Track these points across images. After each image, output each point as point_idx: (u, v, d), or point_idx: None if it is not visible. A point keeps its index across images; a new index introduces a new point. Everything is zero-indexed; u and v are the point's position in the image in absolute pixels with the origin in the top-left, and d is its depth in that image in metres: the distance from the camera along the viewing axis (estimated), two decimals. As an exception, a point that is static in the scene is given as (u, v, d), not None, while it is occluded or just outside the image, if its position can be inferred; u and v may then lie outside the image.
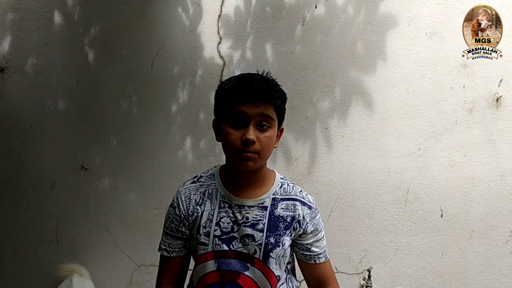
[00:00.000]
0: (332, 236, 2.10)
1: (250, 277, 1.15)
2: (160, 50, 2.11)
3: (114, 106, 2.16)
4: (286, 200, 1.19)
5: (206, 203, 1.18)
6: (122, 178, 2.19)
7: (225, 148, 1.13)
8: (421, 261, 2.08)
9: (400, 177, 2.05)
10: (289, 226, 1.17)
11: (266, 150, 1.10)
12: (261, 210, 1.16)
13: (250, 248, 1.14)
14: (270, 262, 1.15)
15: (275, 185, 1.20)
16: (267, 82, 1.12)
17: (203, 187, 1.20)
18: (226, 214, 1.16)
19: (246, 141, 1.06)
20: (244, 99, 1.07)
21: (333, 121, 2.05)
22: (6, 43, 2.20)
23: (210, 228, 1.16)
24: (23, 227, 2.27)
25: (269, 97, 1.08)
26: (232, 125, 1.09)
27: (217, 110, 1.16)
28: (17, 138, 2.24)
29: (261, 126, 1.09)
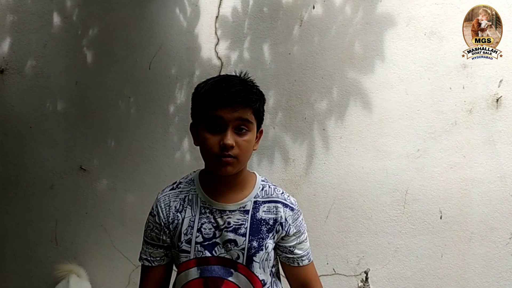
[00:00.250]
0: (329, 237, 2.12)
1: (234, 283, 1.14)
2: (158, 51, 2.14)
3: (112, 107, 2.19)
4: (268, 202, 1.18)
5: (186, 209, 1.17)
6: (120, 179, 2.22)
7: (203, 153, 1.12)
8: (420, 263, 2.08)
9: (399, 179, 2.06)
10: (272, 229, 1.16)
11: (245, 154, 1.09)
12: (243, 214, 1.15)
13: (233, 253, 1.13)
14: (254, 267, 1.14)
15: (256, 188, 1.19)
16: (245, 85, 1.10)
17: (182, 193, 1.19)
18: (208, 220, 1.15)
19: (224, 146, 1.05)
20: (221, 104, 1.05)
21: (331, 122, 2.07)
22: (5, 45, 2.24)
23: (191, 235, 1.14)
24: (22, 227, 2.32)
25: (247, 101, 1.07)
26: (209, 129, 1.08)
27: (194, 113, 1.15)
28: (17, 139, 2.28)
29: (239, 130, 1.08)
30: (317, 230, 2.12)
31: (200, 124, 1.11)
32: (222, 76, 1.14)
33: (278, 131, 2.09)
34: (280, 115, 2.09)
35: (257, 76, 2.08)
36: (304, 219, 2.09)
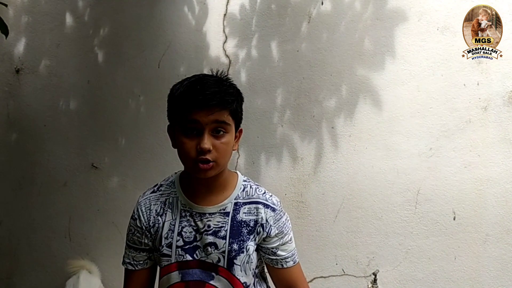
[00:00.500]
0: (339, 237, 2.11)
1: (215, 286, 1.15)
2: (167, 50, 2.18)
3: (123, 106, 2.24)
4: (248, 203, 1.17)
5: (167, 213, 1.17)
6: (131, 176, 2.27)
7: (180, 157, 1.11)
8: (432, 266, 2.05)
9: (410, 178, 2.03)
10: (253, 231, 1.15)
11: (223, 156, 1.09)
12: (223, 216, 1.15)
13: (214, 256, 1.14)
14: (235, 270, 1.14)
15: (237, 189, 1.18)
16: (220, 86, 1.08)
17: (163, 196, 1.19)
18: (188, 223, 1.15)
19: (201, 150, 1.04)
20: (196, 107, 1.03)
21: (340, 120, 2.06)
22: (21, 45, 2.33)
23: (172, 238, 1.15)
24: (38, 223, 2.40)
25: (223, 103, 1.05)
26: (185, 133, 1.07)
27: (170, 116, 1.14)
28: (31, 137, 2.36)
29: (216, 132, 1.07)
30: (325, 230, 2.12)
31: (177, 127, 1.10)
32: (197, 77, 1.12)
33: (286, 129, 2.10)
34: (288, 113, 2.09)
35: (265, 74, 2.10)
36: (313, 218, 2.12)
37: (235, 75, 2.12)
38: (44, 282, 2.41)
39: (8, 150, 2.39)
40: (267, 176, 2.14)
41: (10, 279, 2.46)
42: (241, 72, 2.11)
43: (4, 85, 2.36)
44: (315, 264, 2.15)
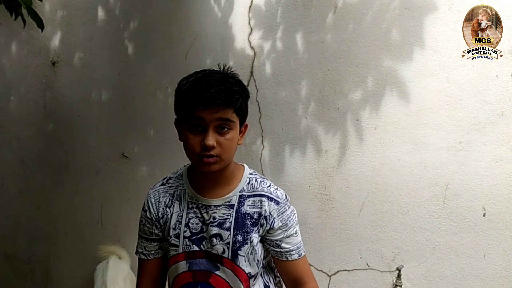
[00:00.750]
0: (363, 231, 2.11)
1: (221, 277, 1.20)
2: (194, 42, 2.25)
3: (151, 97, 2.33)
4: (253, 196, 1.20)
5: (175, 204, 1.22)
6: (159, 166, 2.37)
7: (186, 151, 1.15)
8: (460, 263, 2.02)
9: (438, 172, 2.00)
10: (256, 223, 1.19)
11: (227, 152, 1.12)
12: (228, 208, 1.19)
13: (219, 247, 1.18)
14: (239, 260, 1.18)
15: (242, 182, 1.22)
16: (225, 84, 1.11)
17: (172, 189, 1.25)
18: (195, 215, 1.20)
19: (206, 146, 1.08)
20: (201, 105, 1.07)
21: (365, 112, 2.05)
22: (56, 39, 2.47)
23: (179, 229, 1.21)
24: (72, 210, 2.56)
25: (227, 101, 1.08)
26: (190, 129, 1.11)
27: (177, 110, 1.18)
28: (66, 127, 2.51)
29: (221, 128, 1.11)
30: (350, 223, 2.13)
31: (182, 122, 1.14)
32: (203, 74, 1.14)
33: (311, 121, 2.12)
34: (313, 105, 2.11)
35: (290, 66, 2.12)
36: (337, 211, 2.14)
37: (260, 67, 2.15)
38: (78, 265, 2.58)
39: (45, 139, 2.56)
40: (291, 168, 2.17)
41: (48, 262, 2.65)
42: (266, 64, 2.14)
43: (41, 77, 2.52)
44: (339, 257, 2.17)
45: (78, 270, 2.57)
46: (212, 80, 1.10)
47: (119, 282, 2.08)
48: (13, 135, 2.61)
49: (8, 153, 2.64)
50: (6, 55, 2.57)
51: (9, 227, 2.71)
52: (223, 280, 1.20)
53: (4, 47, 2.55)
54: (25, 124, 2.58)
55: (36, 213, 2.63)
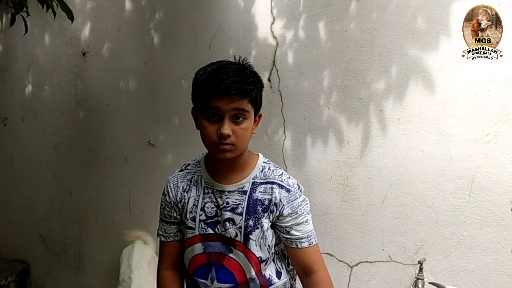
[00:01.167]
0: (385, 223, 2.14)
1: (234, 259, 1.28)
2: (217, 32, 2.31)
3: (176, 86, 2.43)
4: (264, 183, 1.27)
5: (192, 189, 1.31)
6: (184, 154, 2.48)
7: (203, 139, 1.22)
8: (486, 257, 2.02)
9: (464, 165, 1.99)
10: (267, 209, 1.26)
11: (242, 140, 1.19)
12: (241, 194, 1.27)
13: (231, 231, 1.26)
14: (250, 244, 1.25)
15: (255, 170, 1.29)
16: (240, 75, 1.16)
17: (189, 175, 1.34)
18: (210, 200, 1.28)
19: (222, 135, 1.14)
20: (217, 95, 1.13)
21: (389, 102, 2.06)
22: (87, 30, 2.60)
23: (196, 213, 1.29)
24: (102, 195, 2.72)
25: (242, 92, 1.14)
26: (207, 118, 1.18)
27: (194, 99, 1.25)
28: (96, 116, 2.66)
29: (236, 118, 1.17)
30: (372, 215, 2.16)
31: (199, 111, 1.21)
32: (219, 65, 1.20)
33: (333, 111, 2.15)
34: (335, 95, 2.14)
35: (312, 55, 2.16)
36: (359, 202, 2.18)
37: (282, 57, 2.20)
38: (108, 249, 2.74)
39: (76, 126, 2.72)
40: (312, 158, 2.22)
41: (79, 244, 2.84)
42: (288, 53, 2.18)
43: (72, 67, 2.67)
44: (361, 249, 2.20)
45: (108, 253, 2.74)
46: (228, 71, 1.16)
47: (143, 266, 2.22)
48: (47, 122, 2.79)
49: (43, 140, 2.82)
50: (40, 45, 2.74)
51: (44, 210, 2.91)
52: (236, 262, 1.28)
53: (38, 38, 2.72)
54: (58, 113, 2.75)
55: (69, 197, 2.82)
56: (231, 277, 1.29)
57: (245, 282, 1.29)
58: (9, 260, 3.04)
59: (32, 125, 2.84)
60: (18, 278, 2.95)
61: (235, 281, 1.29)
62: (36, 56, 2.75)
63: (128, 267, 2.17)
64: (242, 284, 1.29)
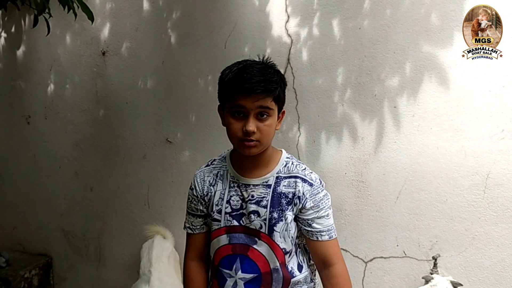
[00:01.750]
0: (400, 219, 2.17)
1: (258, 250, 1.35)
2: (232, 31, 2.38)
3: (193, 84, 2.50)
4: (288, 178, 1.35)
5: (218, 183, 1.39)
6: (200, 151, 2.55)
7: (228, 135, 1.30)
8: (501, 253, 2.03)
9: (479, 161, 2.01)
10: (291, 202, 1.33)
11: (266, 137, 1.26)
12: (265, 188, 1.34)
13: (256, 223, 1.33)
14: (275, 236, 1.32)
15: (279, 165, 1.36)
16: (264, 74, 1.23)
17: (215, 169, 1.42)
18: (236, 193, 1.36)
19: (247, 132, 1.22)
20: (243, 93, 1.21)
21: (403, 99, 2.09)
22: (106, 30, 2.70)
23: (221, 205, 1.37)
24: (121, 191, 2.82)
25: (267, 91, 1.22)
26: (233, 116, 1.25)
27: (220, 97, 1.33)
28: (116, 114, 2.75)
29: (261, 115, 1.24)
30: (386, 211, 2.19)
31: (226, 109, 1.29)
32: (244, 64, 1.28)
33: (347, 108, 2.20)
34: (349, 92, 2.18)
35: (326, 53, 2.20)
36: (373, 198, 2.23)
37: (297, 54, 2.25)
38: (127, 243, 2.84)
39: (97, 124, 2.82)
40: (327, 154, 2.27)
41: (100, 239, 2.94)
42: (302, 51, 2.23)
43: (93, 66, 2.78)
44: (375, 244, 2.25)
45: (128, 247, 2.83)
46: (253, 71, 1.24)
47: (163, 259, 2.31)
48: (69, 120, 2.91)
49: (64, 138, 2.94)
50: (61, 45, 2.85)
51: (65, 206, 3.03)
52: (260, 254, 1.35)
53: (59, 38, 2.83)
54: (79, 111, 2.86)
55: (90, 193, 2.93)
56: (255, 267, 1.36)
57: (269, 272, 1.36)
58: (32, 254, 3.17)
59: (54, 123, 2.95)
60: (41, 271, 3.07)
61: (259, 272, 1.36)
62: (58, 56, 2.86)
63: (148, 261, 2.26)
64: (266, 274, 1.36)
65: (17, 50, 3.00)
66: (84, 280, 3.04)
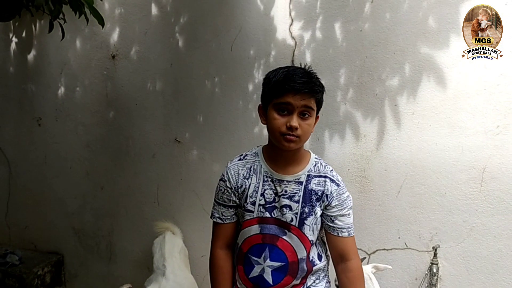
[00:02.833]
0: (401, 212, 2.28)
1: (287, 241, 1.46)
2: (238, 34, 2.48)
3: (200, 86, 2.61)
4: (318, 177, 1.47)
5: (252, 177, 1.48)
6: (208, 150, 2.66)
7: (270, 130, 1.40)
8: (497, 244, 2.14)
9: (476, 156, 2.12)
10: (320, 199, 1.45)
11: (305, 134, 1.39)
12: (297, 184, 1.46)
13: (288, 216, 1.45)
14: (304, 229, 1.45)
15: (310, 164, 1.48)
16: (310, 77, 1.37)
17: (249, 164, 1.51)
18: (269, 187, 1.46)
19: (291, 127, 1.34)
20: (292, 92, 1.33)
21: (403, 98, 2.20)
22: (115, 34, 2.80)
23: (256, 198, 1.47)
24: (132, 190, 2.92)
25: (312, 92, 1.35)
26: (278, 112, 1.37)
27: (265, 97, 1.43)
28: (126, 115, 2.85)
29: (303, 114, 1.36)
30: (388, 205, 2.30)
31: (270, 106, 1.39)
32: (291, 67, 1.41)
33: (349, 107, 2.31)
34: (352, 91, 2.29)
35: (329, 54, 2.31)
36: (376, 193, 2.34)
37: (301, 56, 2.36)
38: (137, 240, 2.94)
39: (107, 125, 2.93)
40: (330, 152, 2.38)
41: (111, 236, 3.04)
42: (306, 53, 2.34)
43: (103, 69, 2.88)
44: (378, 237, 2.36)
45: (138, 244, 2.94)
46: (299, 73, 1.37)
47: (175, 254, 2.41)
48: (79, 122, 3.01)
49: (75, 139, 3.04)
50: (71, 50, 2.95)
51: (76, 205, 3.13)
52: (288, 244, 1.47)
53: (70, 42, 2.93)
54: (89, 112, 2.96)
55: (100, 192, 3.03)
56: (283, 256, 1.47)
57: (296, 262, 1.47)
58: (44, 252, 3.27)
59: (65, 125, 3.05)
60: (53, 268, 3.17)
61: (287, 261, 1.47)
62: (68, 60, 2.97)
63: (162, 256, 2.35)
64: (293, 263, 1.47)
65: (28, 55, 3.10)
66: (95, 277, 3.14)
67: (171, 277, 2.19)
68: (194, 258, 2.70)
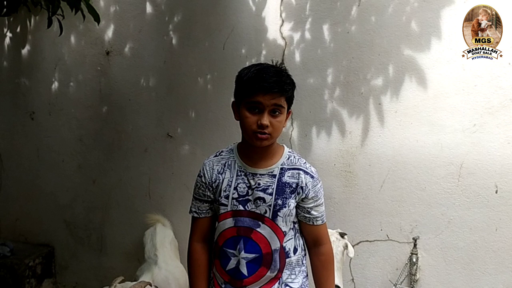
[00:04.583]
0: (383, 205, 2.38)
1: (261, 233, 1.50)
2: (231, 33, 2.56)
3: (193, 83, 2.67)
4: (292, 169, 1.51)
5: (226, 172, 1.53)
6: (199, 145, 2.72)
7: (243, 128, 1.45)
8: (473, 235, 2.25)
9: (454, 152, 2.23)
10: (294, 191, 1.49)
11: (276, 131, 1.42)
12: (271, 177, 1.50)
13: (262, 208, 1.49)
14: (278, 220, 1.49)
15: (283, 157, 1.52)
16: (281, 76, 1.40)
17: (223, 160, 1.55)
18: (242, 181, 1.50)
19: (261, 125, 1.37)
20: (261, 91, 1.36)
21: (387, 97, 2.30)
22: (110, 31, 2.85)
23: (229, 192, 1.51)
24: (123, 183, 2.96)
25: (282, 90, 1.38)
26: (249, 110, 1.40)
27: (237, 94, 1.47)
28: (119, 110, 2.90)
29: (273, 112, 1.40)
30: (371, 198, 2.40)
31: (242, 104, 1.43)
32: (262, 66, 1.43)
33: (336, 105, 2.40)
34: (338, 90, 2.39)
35: (317, 54, 2.40)
36: (360, 187, 2.44)
37: (290, 56, 2.45)
38: (128, 232, 2.99)
39: (100, 120, 2.97)
40: (317, 147, 2.47)
41: (102, 229, 3.08)
42: (295, 53, 2.43)
43: (97, 65, 2.92)
44: (361, 229, 2.45)
45: (129, 236, 2.98)
46: (270, 72, 1.39)
47: (166, 245, 2.47)
48: (72, 116, 3.04)
49: (68, 133, 3.07)
50: (66, 46, 2.98)
51: (68, 197, 3.16)
52: (262, 236, 1.51)
53: (64, 38, 2.95)
54: (83, 107, 3.00)
55: (92, 186, 3.07)
56: (257, 248, 1.51)
57: (270, 253, 1.52)
58: (35, 244, 3.30)
59: (58, 119, 3.09)
60: (44, 260, 3.20)
61: (261, 252, 1.51)
62: (62, 55, 3.00)
63: (153, 246, 2.41)
64: (267, 255, 1.52)
65: (22, 49, 3.13)
66: (86, 268, 3.17)
67: (163, 266, 2.25)
68: (184, 249, 2.72)
